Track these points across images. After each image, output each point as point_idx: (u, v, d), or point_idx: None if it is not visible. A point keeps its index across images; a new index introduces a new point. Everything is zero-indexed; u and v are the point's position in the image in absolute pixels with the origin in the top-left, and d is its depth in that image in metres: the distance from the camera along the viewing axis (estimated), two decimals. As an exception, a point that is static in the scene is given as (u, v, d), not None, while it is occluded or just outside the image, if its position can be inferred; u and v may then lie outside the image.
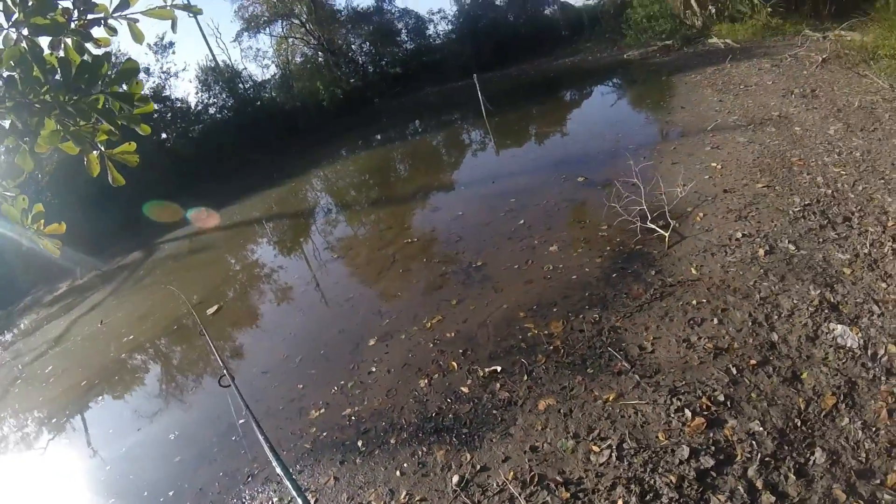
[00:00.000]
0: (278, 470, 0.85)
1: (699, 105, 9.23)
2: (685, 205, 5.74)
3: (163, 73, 24.05)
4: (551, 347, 4.33)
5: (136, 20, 1.40)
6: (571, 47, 24.35)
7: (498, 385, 4.17)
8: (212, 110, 25.82)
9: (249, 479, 4.38)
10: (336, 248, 9.49)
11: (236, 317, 8.20)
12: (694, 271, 4.61)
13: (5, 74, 1.29)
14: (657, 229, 5.33)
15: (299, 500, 0.74)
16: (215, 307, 8.57)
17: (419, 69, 29.08)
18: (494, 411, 3.94)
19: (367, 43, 30.00)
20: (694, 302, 4.22)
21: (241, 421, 4.91)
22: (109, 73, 1.34)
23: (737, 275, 4.37)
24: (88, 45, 1.34)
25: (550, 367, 4.12)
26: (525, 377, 4.13)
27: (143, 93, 1.45)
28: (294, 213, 14.01)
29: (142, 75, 21.37)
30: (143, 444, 5.78)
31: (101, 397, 7.47)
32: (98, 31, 1.38)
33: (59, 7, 1.30)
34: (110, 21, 1.37)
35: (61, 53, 1.32)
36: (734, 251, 4.70)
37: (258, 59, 41.46)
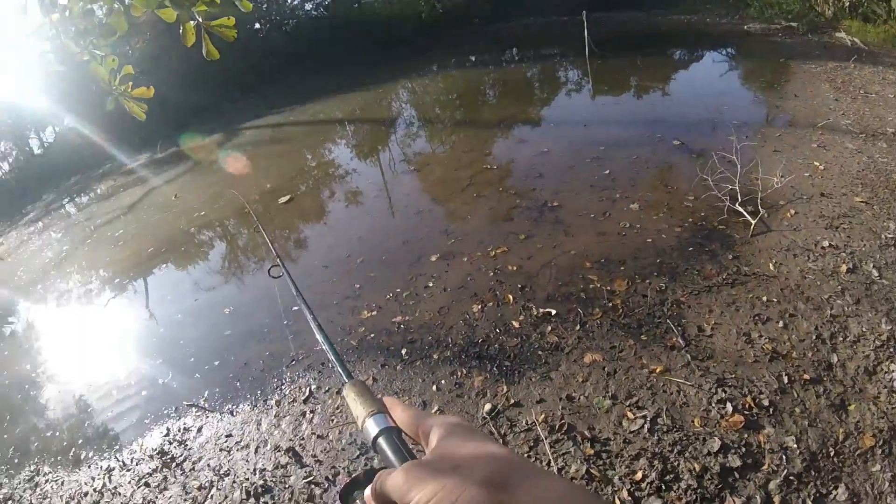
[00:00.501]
0: (324, 346, 0.89)
1: (813, 98, 8.58)
2: (778, 197, 5.41)
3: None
4: (610, 304, 4.25)
5: None
6: (692, 5, 22.94)
7: (549, 328, 4.16)
8: (308, 6, 25.66)
9: (293, 362, 4.59)
10: (412, 161, 9.49)
11: (306, 210, 8.38)
12: (772, 267, 4.39)
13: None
14: (745, 214, 5.06)
15: (341, 372, 0.78)
16: (287, 197, 8.76)
17: (526, -4, 27.96)
18: (540, 352, 3.94)
19: (479, -40, 28.89)
20: (764, 298, 4.03)
21: (294, 308, 5.04)
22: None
23: (813, 283, 4.14)
24: None
25: (605, 324, 4.07)
26: (577, 327, 4.09)
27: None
28: (376, 120, 14.01)
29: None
30: (197, 313, 6.10)
31: (164, 265, 7.85)
32: None
33: None
34: None
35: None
36: (817, 259, 4.44)
37: (363, -39, 40.54)
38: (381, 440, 0.67)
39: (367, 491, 0.62)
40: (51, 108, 18.19)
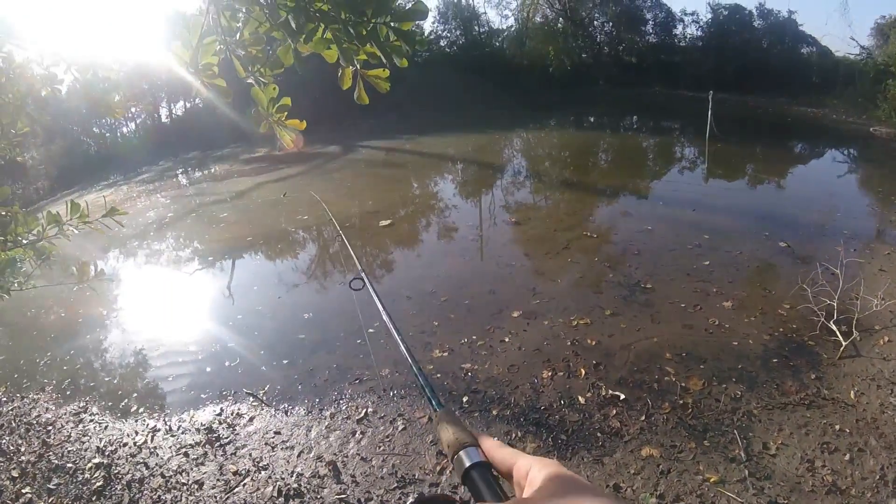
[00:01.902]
0: (413, 370, 0.98)
1: None
2: (875, 321, 5.15)
3: (408, -6, 25.03)
4: (681, 402, 4.19)
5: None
6: (817, 98, 22.09)
7: (614, 411, 4.14)
8: (442, 42, 26.71)
9: (357, 381, 4.79)
10: (513, 211, 9.70)
11: (403, 237, 8.73)
12: (852, 395, 4.19)
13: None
14: (837, 334, 4.84)
15: (431, 398, 0.85)
16: (389, 221, 9.16)
17: (653, 66, 27.61)
18: (599, 434, 3.93)
19: (610, 24, 28.95)
20: (837, 427, 3.85)
21: (370, 329, 5.29)
22: (396, 7, 1.39)
23: (891, 420, 3.91)
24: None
25: (671, 420, 4.00)
26: (643, 417, 4.05)
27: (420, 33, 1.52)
28: (486, 163, 14.36)
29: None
30: (277, 310, 6.48)
31: (257, 255, 8.40)
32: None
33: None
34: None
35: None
36: None
37: (499, 8, 41.50)
38: (474, 473, 0.67)
39: None
40: (186, 84, 19.58)
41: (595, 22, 29.50)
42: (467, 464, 0.68)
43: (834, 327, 4.94)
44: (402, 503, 3.43)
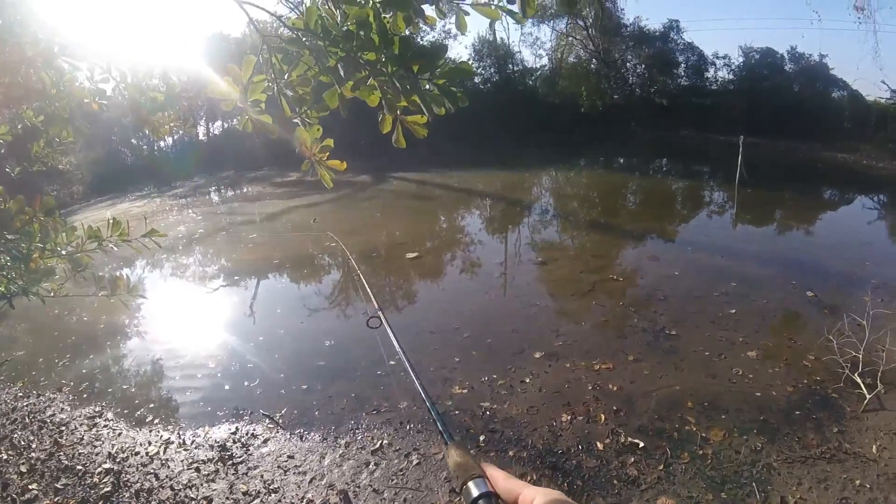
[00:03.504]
0: (427, 404, 1.05)
1: None
2: None
3: (444, 31, 25.91)
4: (700, 452, 4.15)
5: (467, 13, 1.48)
6: (849, 143, 21.88)
7: (632, 459, 4.11)
8: (476, 79, 27.12)
9: (375, 412, 4.83)
10: (540, 250, 9.76)
11: (429, 270, 8.84)
12: (874, 450, 4.12)
13: (345, 28, 1.44)
14: (862, 386, 4.77)
15: (443, 432, 0.91)
16: (416, 254, 9.30)
17: (685, 108, 27.73)
18: (615, 481, 3.90)
19: (643, 66, 29.26)
20: (857, 482, 3.78)
21: (391, 362, 5.33)
22: (442, 64, 1.45)
23: None
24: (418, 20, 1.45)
25: (689, 471, 3.96)
26: (661, 466, 4.02)
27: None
28: (514, 201, 14.49)
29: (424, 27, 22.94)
30: (299, 335, 6.59)
31: (283, 278, 8.56)
32: (428, 10, 1.46)
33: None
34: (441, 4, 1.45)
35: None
36: None
37: (534, 48, 42.20)
38: (481, 503, 0.73)
39: None
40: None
41: (628, 64, 29.91)
42: (475, 494, 0.73)
43: (858, 380, 4.88)
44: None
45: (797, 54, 27.98)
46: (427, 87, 1.49)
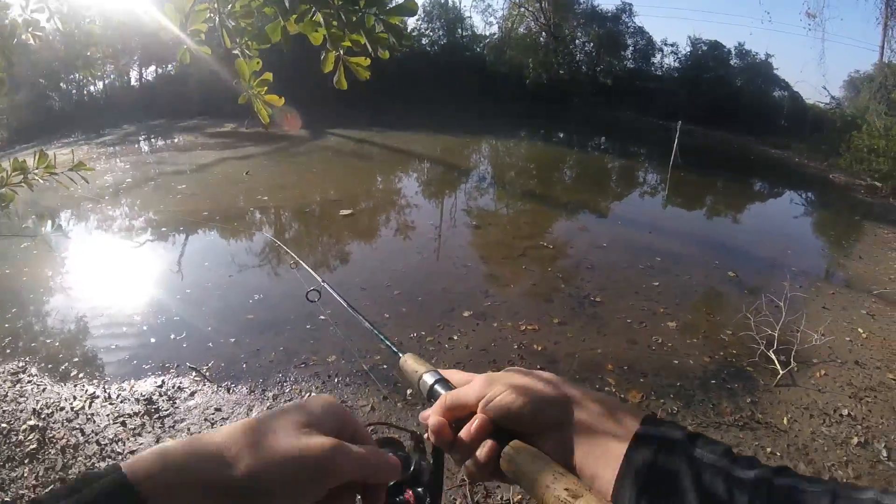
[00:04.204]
0: (374, 330, 1.03)
1: (878, 264, 8.45)
2: (813, 354, 5.35)
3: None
4: None
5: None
6: (784, 140, 22.90)
7: None
8: (424, 41, 26.75)
9: (303, 365, 4.73)
10: (475, 215, 9.73)
11: (362, 228, 8.66)
12: (785, 421, 4.33)
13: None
14: (776, 362, 5.01)
15: (393, 348, 0.91)
16: (349, 211, 9.07)
17: (628, 90, 28.35)
18: None
19: (592, 44, 29.53)
20: (768, 450, 3.96)
21: (321, 317, 5.21)
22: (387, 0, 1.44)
23: (821, 448, 4.07)
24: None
25: None
26: None
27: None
28: (452, 165, 14.40)
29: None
30: (227, 288, 6.35)
31: (212, 232, 8.22)
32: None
33: None
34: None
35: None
36: (832, 425, 4.36)
37: (485, 14, 41.79)
38: (437, 386, 0.75)
39: (427, 410, 0.72)
40: (160, 49, 19.13)
41: (577, 41, 29.98)
42: (431, 381, 0.76)
43: (773, 356, 5.10)
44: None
45: (744, 51, 29.10)
46: (373, 23, 1.46)
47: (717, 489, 0.53)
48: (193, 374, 4.60)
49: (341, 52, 1.55)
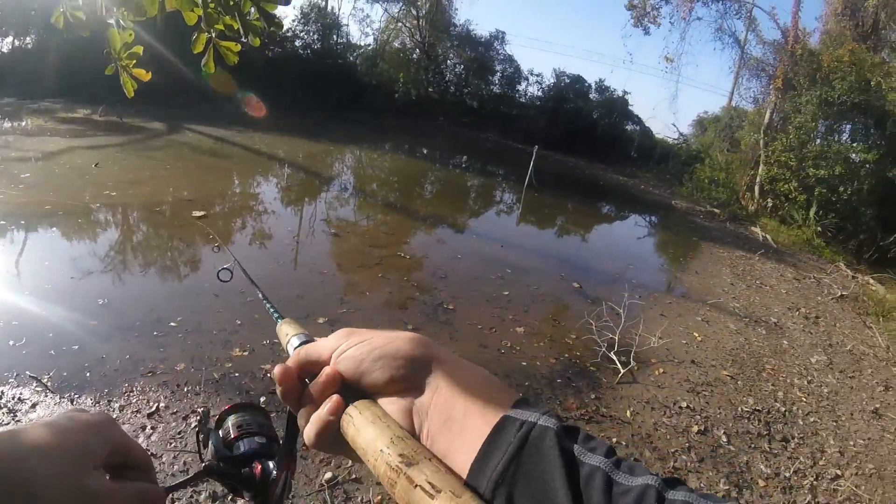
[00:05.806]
0: (257, 289, 1.01)
1: (712, 278, 9.52)
2: (652, 355, 5.93)
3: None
4: None
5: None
6: (632, 169, 24.96)
7: None
8: (297, 43, 26.25)
9: (150, 373, 4.39)
10: (334, 223, 9.62)
11: (216, 232, 8.23)
12: (628, 414, 4.74)
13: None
14: (616, 363, 5.50)
15: (274, 311, 0.92)
16: (202, 212, 8.61)
17: (493, 113, 29.57)
18: None
19: (462, 66, 30.49)
20: (614, 439, 4.33)
21: (172, 323, 4.97)
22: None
23: (664, 436, 4.50)
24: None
25: None
26: None
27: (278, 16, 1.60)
28: (314, 172, 14.17)
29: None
30: (70, 291, 5.76)
31: (53, 228, 7.45)
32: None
33: None
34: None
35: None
36: (672, 416, 4.84)
37: (362, 25, 41.77)
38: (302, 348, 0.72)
39: (279, 366, 0.65)
40: (24, 19, 17.33)
41: (448, 62, 30.78)
42: (297, 343, 0.76)
43: (614, 357, 5.62)
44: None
45: (604, 86, 31.54)
46: (250, 8, 1.51)
47: (593, 492, 0.46)
48: (34, 384, 4.11)
49: (213, 34, 1.56)
